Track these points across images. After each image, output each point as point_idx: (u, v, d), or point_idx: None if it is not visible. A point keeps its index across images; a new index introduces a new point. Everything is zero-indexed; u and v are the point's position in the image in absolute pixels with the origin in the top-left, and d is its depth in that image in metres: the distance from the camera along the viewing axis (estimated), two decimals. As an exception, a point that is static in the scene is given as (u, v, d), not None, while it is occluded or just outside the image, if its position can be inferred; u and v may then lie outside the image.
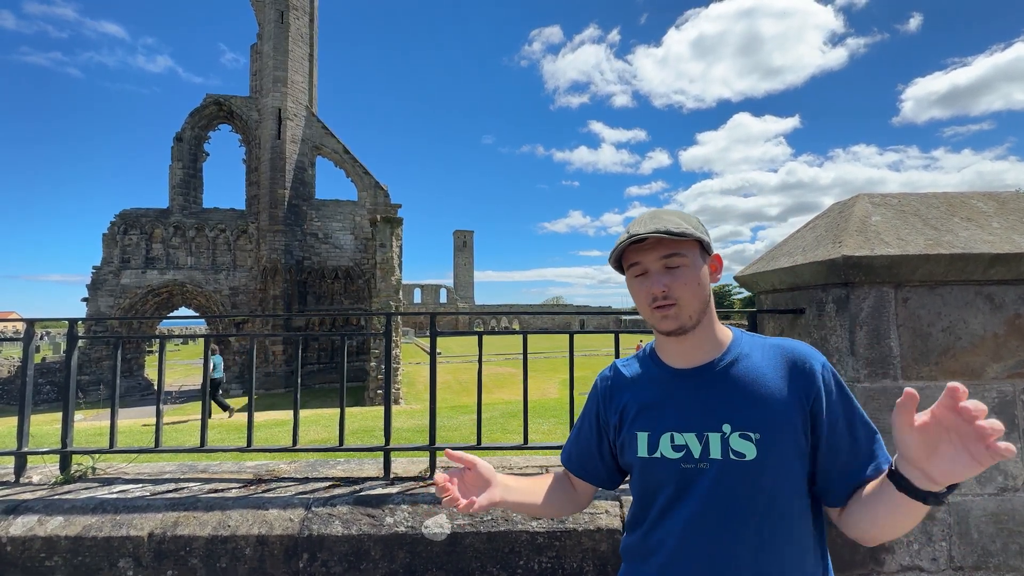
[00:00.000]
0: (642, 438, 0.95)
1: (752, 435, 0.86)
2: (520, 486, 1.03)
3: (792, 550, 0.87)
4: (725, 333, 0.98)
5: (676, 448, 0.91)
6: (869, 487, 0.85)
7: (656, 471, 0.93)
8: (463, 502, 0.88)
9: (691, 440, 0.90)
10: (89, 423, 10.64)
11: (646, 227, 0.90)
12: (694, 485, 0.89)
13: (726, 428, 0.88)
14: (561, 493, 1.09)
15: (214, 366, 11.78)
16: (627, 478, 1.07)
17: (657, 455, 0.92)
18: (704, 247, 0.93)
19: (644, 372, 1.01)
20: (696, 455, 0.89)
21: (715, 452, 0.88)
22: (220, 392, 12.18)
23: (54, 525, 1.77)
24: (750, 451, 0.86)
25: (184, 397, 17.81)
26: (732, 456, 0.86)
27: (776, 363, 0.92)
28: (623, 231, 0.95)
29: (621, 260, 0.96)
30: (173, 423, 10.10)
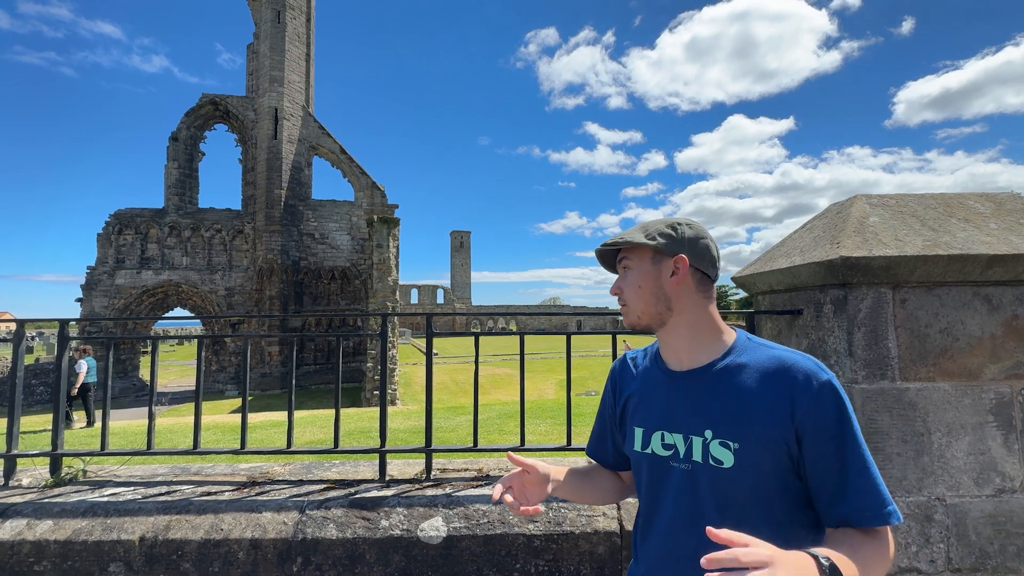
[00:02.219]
0: (638, 433, 0.99)
1: (731, 444, 0.86)
2: (570, 479, 1.10)
3: None
4: (727, 337, 0.96)
5: (665, 447, 0.94)
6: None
7: (647, 466, 0.97)
8: (529, 509, 0.95)
9: (678, 441, 0.92)
10: (83, 424, 10.55)
11: (612, 238, 1.02)
12: (677, 483, 0.91)
13: (708, 433, 0.88)
14: (607, 478, 1.15)
15: (87, 369, 10.67)
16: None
17: (649, 451, 0.96)
18: (660, 251, 0.95)
19: (648, 368, 1.05)
20: (681, 455, 0.91)
21: (696, 455, 0.89)
22: (91, 397, 10.87)
23: (43, 529, 1.74)
24: (727, 459, 0.86)
25: (178, 398, 17.71)
26: (711, 462, 0.87)
27: (771, 375, 0.88)
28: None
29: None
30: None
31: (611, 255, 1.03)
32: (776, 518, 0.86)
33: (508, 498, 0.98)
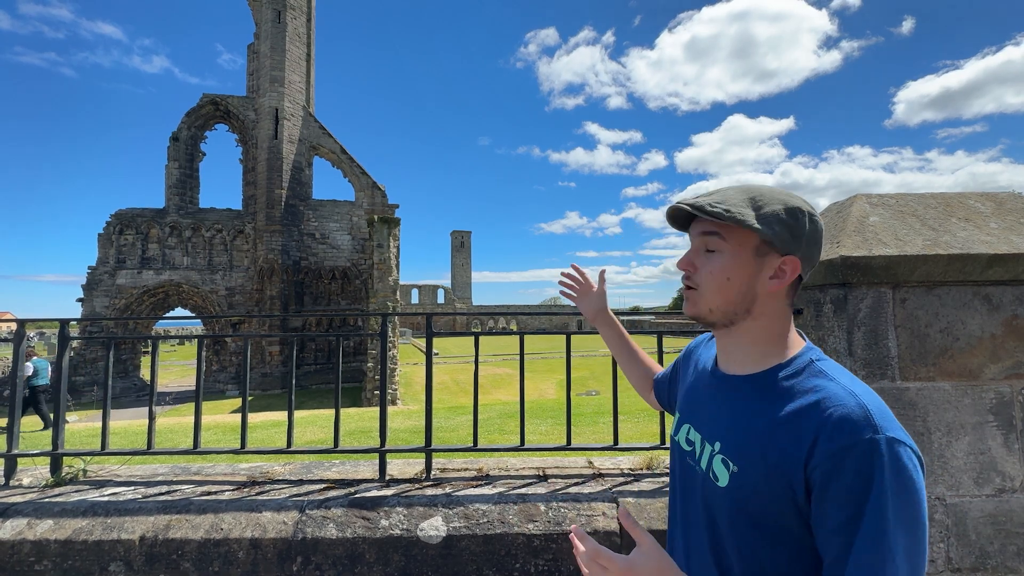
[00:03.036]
0: (676, 417, 0.97)
1: (730, 464, 0.76)
2: (624, 339, 1.30)
3: None
4: (788, 352, 0.81)
5: (688, 442, 0.89)
6: None
7: (674, 453, 0.95)
8: (572, 294, 1.31)
9: (697, 441, 0.87)
10: (83, 424, 10.56)
11: (690, 196, 0.82)
12: (690, 483, 0.87)
13: (717, 445, 0.80)
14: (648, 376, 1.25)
15: (35, 371, 10.24)
16: None
17: (677, 439, 0.93)
18: (771, 244, 0.76)
19: (706, 358, 0.97)
20: (697, 456, 0.86)
21: (704, 462, 0.82)
22: (46, 400, 10.25)
23: (44, 528, 1.75)
24: (723, 478, 0.77)
25: (180, 398, 17.72)
26: (711, 475, 0.80)
27: (805, 407, 0.72)
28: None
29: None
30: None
31: (687, 217, 0.84)
32: (760, 564, 0.73)
33: (568, 280, 1.31)
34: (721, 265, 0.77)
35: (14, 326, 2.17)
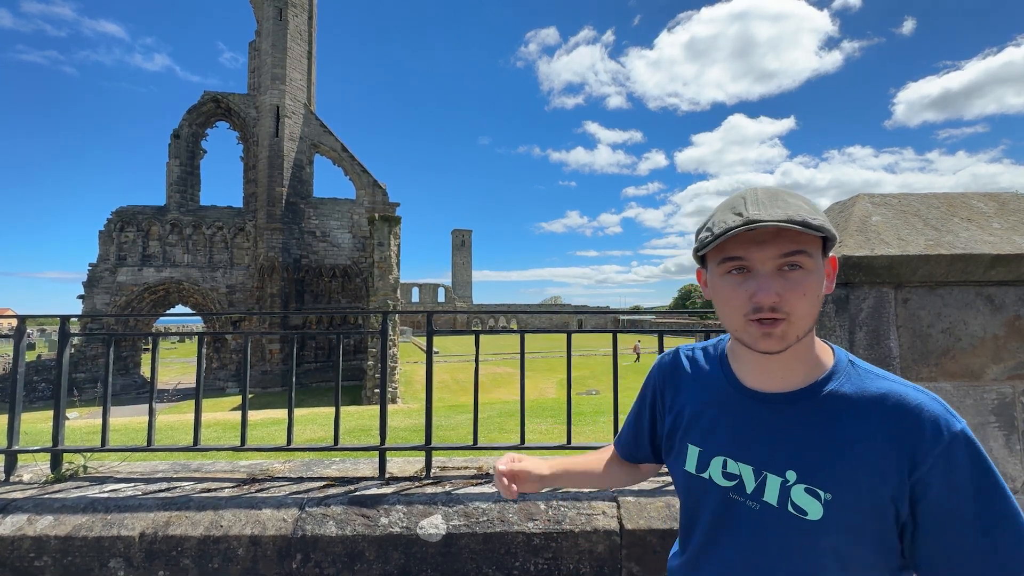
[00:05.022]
0: (692, 452, 0.83)
1: (821, 493, 0.70)
2: (572, 474, 1.04)
3: None
4: (825, 356, 0.78)
5: (727, 476, 0.78)
6: None
7: (701, 491, 0.82)
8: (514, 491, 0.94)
9: (746, 473, 0.76)
10: (84, 421, 10.57)
11: (769, 211, 0.67)
12: (740, 522, 0.76)
13: (790, 475, 0.72)
14: (620, 467, 1.06)
15: None
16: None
17: (705, 476, 0.80)
18: (826, 247, 0.73)
19: (709, 376, 0.86)
20: (748, 490, 0.76)
21: (770, 496, 0.73)
22: None
23: (44, 524, 1.75)
24: (814, 510, 0.70)
25: (180, 395, 17.74)
26: (790, 508, 0.71)
27: (886, 415, 0.70)
28: (720, 213, 0.72)
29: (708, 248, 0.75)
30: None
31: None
32: None
33: (505, 480, 0.93)
34: (811, 284, 0.70)
35: (15, 323, 2.17)
